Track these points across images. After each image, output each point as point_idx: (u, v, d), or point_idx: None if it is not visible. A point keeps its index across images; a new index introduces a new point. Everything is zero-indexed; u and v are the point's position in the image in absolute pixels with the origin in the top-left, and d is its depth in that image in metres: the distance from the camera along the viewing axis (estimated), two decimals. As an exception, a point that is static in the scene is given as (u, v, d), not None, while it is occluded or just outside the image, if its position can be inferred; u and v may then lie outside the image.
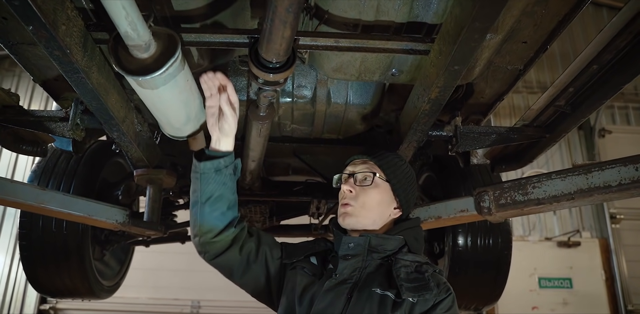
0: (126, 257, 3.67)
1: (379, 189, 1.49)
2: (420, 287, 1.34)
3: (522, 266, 7.37)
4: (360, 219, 1.47)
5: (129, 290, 7.05)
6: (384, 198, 1.50)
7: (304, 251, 1.55)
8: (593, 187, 1.56)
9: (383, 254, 1.44)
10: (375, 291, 1.34)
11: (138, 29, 1.25)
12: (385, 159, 1.54)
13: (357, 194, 1.49)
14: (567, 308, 7.40)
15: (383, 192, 1.50)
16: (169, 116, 1.70)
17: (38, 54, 1.83)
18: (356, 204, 1.48)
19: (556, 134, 1.93)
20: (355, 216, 1.47)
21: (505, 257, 2.73)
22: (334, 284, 1.38)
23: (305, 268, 1.50)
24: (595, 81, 1.62)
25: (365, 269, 1.42)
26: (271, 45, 1.34)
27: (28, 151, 2.39)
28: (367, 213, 1.47)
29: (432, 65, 1.50)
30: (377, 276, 1.39)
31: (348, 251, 1.44)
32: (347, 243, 1.45)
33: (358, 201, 1.48)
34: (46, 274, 2.74)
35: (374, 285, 1.36)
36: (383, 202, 1.49)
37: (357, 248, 1.44)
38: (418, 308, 1.31)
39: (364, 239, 1.44)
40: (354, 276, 1.39)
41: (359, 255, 1.43)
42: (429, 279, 1.36)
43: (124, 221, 2.15)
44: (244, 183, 2.71)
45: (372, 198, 1.48)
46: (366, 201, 1.47)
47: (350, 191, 1.49)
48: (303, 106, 2.29)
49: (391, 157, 1.55)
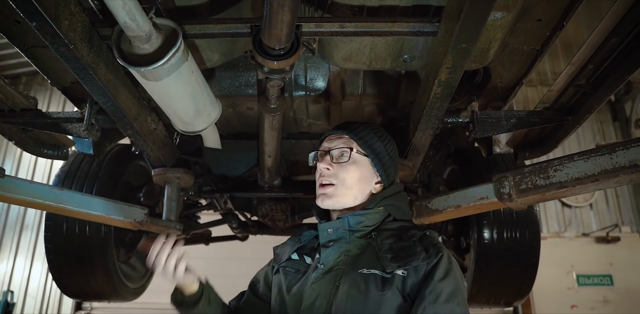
0: (152, 260, 3.69)
1: (358, 165, 1.42)
2: (405, 255, 1.25)
3: (559, 263, 7.16)
4: (340, 198, 1.40)
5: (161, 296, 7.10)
6: (364, 174, 1.43)
7: (289, 249, 1.51)
8: (618, 167, 1.47)
9: (366, 231, 1.37)
10: (362, 272, 1.27)
11: (137, 19, 1.24)
12: (362, 132, 1.46)
13: (335, 171, 1.42)
14: (609, 306, 7.14)
15: (362, 167, 1.43)
16: (177, 110, 1.69)
17: (53, 57, 1.84)
18: (336, 181, 1.40)
19: (579, 115, 1.84)
20: (335, 196, 1.40)
21: (534, 249, 2.63)
22: (321, 274, 1.32)
23: (287, 266, 1.45)
24: (615, 55, 1.54)
25: (350, 251, 1.34)
26: (272, 30, 1.32)
27: (49, 155, 2.44)
28: (347, 191, 1.40)
29: (440, 46, 1.45)
30: (364, 256, 1.32)
31: (329, 237, 1.38)
32: (325, 230, 1.39)
33: (338, 178, 1.41)
34: (72, 277, 2.78)
35: (360, 266, 1.29)
36: (364, 178, 1.42)
37: (337, 232, 1.38)
38: (410, 279, 1.23)
39: (341, 221, 1.38)
40: (341, 262, 1.33)
41: (340, 239, 1.37)
42: (415, 244, 1.28)
43: (142, 220, 2.16)
44: (263, 181, 2.70)
45: (352, 175, 1.41)
46: (346, 178, 1.40)
47: (328, 168, 1.42)
48: (317, 99, 2.27)
49: (368, 130, 1.48)
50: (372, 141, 1.46)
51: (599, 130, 8.28)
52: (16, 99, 2.03)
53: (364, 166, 1.43)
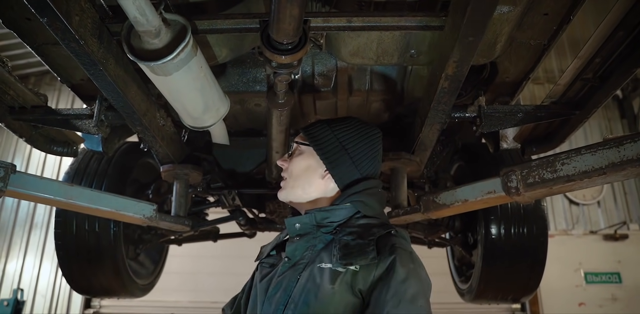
0: (160, 257, 3.73)
1: (303, 155, 1.46)
2: (354, 253, 1.25)
3: (567, 261, 7.14)
4: (289, 189, 1.45)
5: (169, 294, 7.18)
6: (310, 163, 1.44)
7: (271, 246, 1.52)
8: (626, 160, 1.47)
9: (331, 227, 1.37)
10: (320, 266, 1.28)
11: (147, 14, 1.26)
12: (312, 126, 1.50)
13: (287, 165, 1.49)
14: (617, 303, 7.11)
15: (308, 157, 1.45)
16: (186, 105, 1.71)
17: (63, 54, 1.86)
18: (286, 174, 1.47)
19: (586, 109, 1.84)
20: (284, 188, 1.46)
21: (541, 245, 2.63)
22: (287, 268, 1.34)
23: (264, 263, 1.48)
24: (623, 48, 1.54)
25: (316, 246, 1.35)
26: (280, 25, 1.33)
27: (59, 152, 2.46)
28: (294, 182, 1.44)
29: (446, 39, 1.46)
30: (325, 250, 1.32)
31: (296, 232, 1.39)
32: (293, 224, 1.40)
33: (287, 171, 1.47)
34: (81, 273, 2.81)
35: (319, 261, 1.30)
36: (309, 167, 1.44)
37: (304, 227, 1.39)
38: (361, 275, 1.22)
39: (307, 216, 1.39)
40: (306, 256, 1.34)
41: (308, 234, 1.38)
42: (369, 243, 1.26)
43: (151, 215, 2.17)
44: (271, 177, 2.71)
45: (297, 165, 1.45)
46: (292, 169, 1.46)
47: (283, 165, 1.50)
48: (325, 95, 2.28)
49: (319, 123, 1.50)
50: (317, 131, 1.47)
51: (606, 127, 8.25)
52: (27, 96, 2.05)
53: (310, 156, 1.45)
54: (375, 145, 1.48)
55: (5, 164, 1.85)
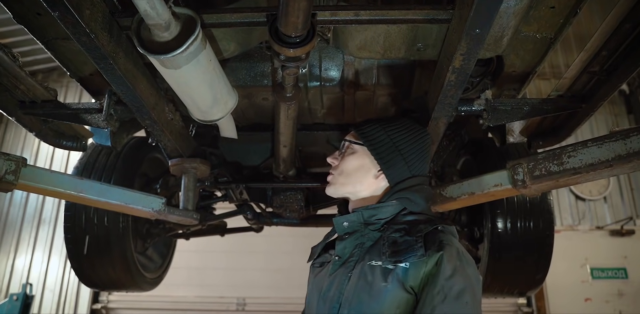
0: (168, 251, 3.76)
1: (356, 155, 1.51)
2: (403, 250, 1.27)
3: (573, 256, 7.14)
4: (339, 186, 1.50)
5: (176, 289, 7.24)
6: (363, 163, 1.49)
7: (321, 246, 1.56)
8: (632, 152, 1.48)
9: (379, 224, 1.40)
10: (370, 264, 1.31)
11: (157, 8, 1.27)
12: (365, 125, 1.54)
13: (338, 163, 1.54)
14: (623, 299, 7.10)
15: (361, 157, 1.50)
16: (194, 98, 1.72)
17: (72, 48, 1.89)
18: (335, 172, 1.52)
19: (593, 103, 1.84)
20: (333, 184, 1.51)
21: (547, 238, 2.64)
22: (338, 266, 1.38)
23: (315, 263, 1.53)
24: (629, 42, 1.55)
25: (365, 244, 1.39)
26: (289, 18, 1.34)
27: (68, 146, 2.48)
28: (344, 179, 1.49)
29: (454, 32, 1.47)
30: (375, 248, 1.35)
31: (345, 231, 1.43)
32: (341, 223, 1.44)
33: (337, 169, 1.52)
34: (90, 267, 2.84)
35: (369, 258, 1.33)
36: (362, 167, 1.49)
37: (352, 226, 1.42)
38: (411, 272, 1.24)
39: (355, 215, 1.43)
40: (355, 253, 1.38)
41: (356, 232, 1.41)
42: (417, 240, 1.29)
43: (160, 209, 2.19)
44: (278, 171, 2.73)
45: (349, 164, 1.50)
46: (344, 167, 1.50)
47: (333, 162, 1.55)
48: (332, 89, 2.29)
49: (373, 123, 1.54)
50: (371, 131, 1.51)
51: (613, 123, 8.21)
52: (37, 90, 2.07)
53: (363, 155, 1.50)
54: (426, 146, 1.54)
55: (17, 157, 1.87)
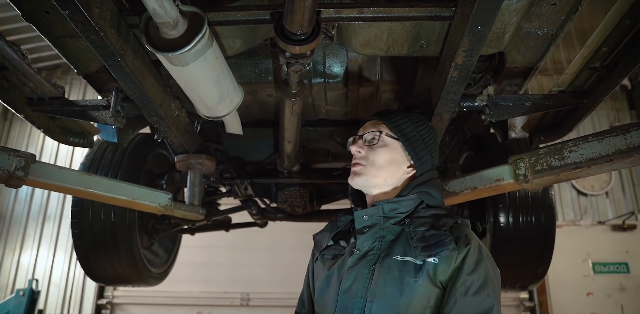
0: (173, 246, 3.80)
1: (388, 148, 1.47)
2: (434, 245, 1.29)
3: (575, 251, 7.15)
4: (370, 177, 1.45)
5: (180, 284, 7.28)
6: (395, 157, 1.47)
7: (328, 235, 1.55)
8: (632, 147, 1.51)
9: (399, 218, 1.41)
10: (396, 259, 1.32)
11: (165, 6, 1.30)
12: (395, 117, 1.51)
13: (366, 154, 1.48)
14: (625, 293, 7.11)
15: (393, 150, 1.47)
16: (201, 95, 1.75)
17: (79, 46, 1.91)
18: (366, 162, 1.46)
19: (594, 98, 1.86)
20: (364, 174, 1.46)
21: (549, 233, 2.66)
22: (357, 259, 1.38)
23: (325, 254, 1.51)
24: (629, 38, 1.57)
25: (385, 237, 1.39)
26: (294, 16, 1.37)
27: (75, 143, 2.51)
28: (376, 172, 1.45)
29: (456, 29, 1.49)
30: (398, 242, 1.36)
31: (364, 224, 1.43)
32: (361, 216, 1.44)
33: (367, 160, 1.46)
34: (97, 262, 2.88)
35: (395, 253, 1.33)
36: (394, 161, 1.46)
37: (372, 219, 1.42)
38: (442, 266, 1.26)
39: (376, 208, 1.43)
40: (375, 247, 1.38)
41: (375, 225, 1.41)
42: (445, 234, 1.31)
43: (166, 204, 2.23)
44: (282, 167, 2.76)
45: (381, 157, 1.46)
46: (375, 159, 1.45)
47: (359, 151, 1.49)
48: (336, 85, 2.31)
49: (402, 116, 1.52)
50: (404, 125, 1.49)
51: (615, 118, 8.20)
52: (45, 87, 2.10)
53: (395, 149, 1.47)
54: (437, 139, 1.56)
55: (26, 154, 1.91)
